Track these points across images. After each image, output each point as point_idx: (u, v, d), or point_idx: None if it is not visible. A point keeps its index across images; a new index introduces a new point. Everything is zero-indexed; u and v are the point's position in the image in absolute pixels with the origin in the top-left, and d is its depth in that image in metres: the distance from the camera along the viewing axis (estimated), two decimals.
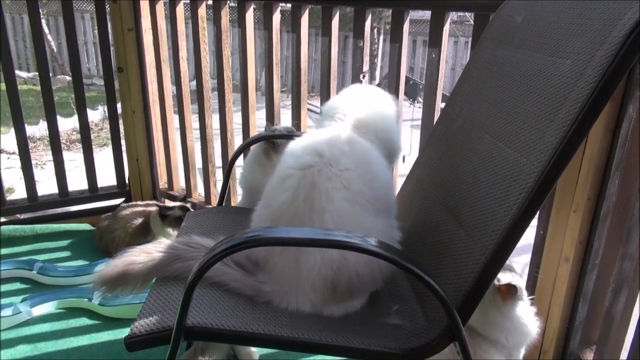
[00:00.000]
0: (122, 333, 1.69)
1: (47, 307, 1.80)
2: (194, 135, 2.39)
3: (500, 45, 1.23)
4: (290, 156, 1.11)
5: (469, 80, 1.34)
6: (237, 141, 2.23)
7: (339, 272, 1.02)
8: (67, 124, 5.72)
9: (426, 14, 1.84)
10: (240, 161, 1.73)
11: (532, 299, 1.21)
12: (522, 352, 1.24)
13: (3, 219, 2.37)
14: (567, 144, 0.86)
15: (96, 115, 6.27)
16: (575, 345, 1.37)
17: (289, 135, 1.69)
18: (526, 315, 1.18)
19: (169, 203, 2.23)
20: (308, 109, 2.17)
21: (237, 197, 2.33)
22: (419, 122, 1.80)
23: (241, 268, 1.09)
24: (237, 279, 1.06)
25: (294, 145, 1.15)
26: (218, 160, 2.35)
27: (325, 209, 1.02)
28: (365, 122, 1.21)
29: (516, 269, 1.23)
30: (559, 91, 0.91)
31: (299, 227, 1.03)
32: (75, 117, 5.58)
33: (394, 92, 1.75)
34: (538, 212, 0.93)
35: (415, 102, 5.62)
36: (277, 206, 1.07)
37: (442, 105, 1.64)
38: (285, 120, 2.16)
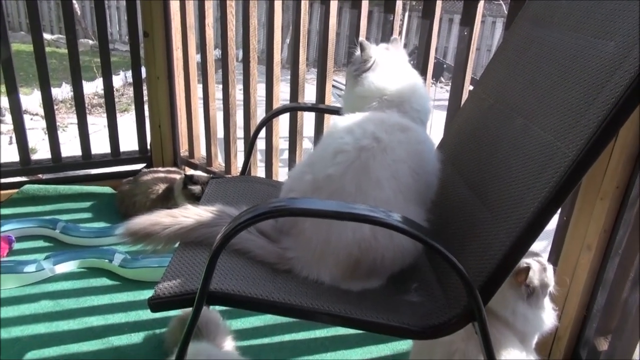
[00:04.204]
0: (141, 295, 1.73)
1: (69, 266, 1.85)
2: (216, 104, 2.39)
3: (538, 24, 1.20)
4: (347, 133, 1.09)
5: (502, 60, 1.31)
6: (259, 113, 2.22)
7: (365, 252, 1.02)
8: (89, 88, 5.75)
9: None
10: (262, 134, 1.73)
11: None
12: (536, 338, 1.23)
13: (26, 178, 2.42)
14: (605, 129, 0.83)
15: (117, 80, 6.29)
16: (591, 334, 1.37)
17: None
18: (541, 308, 1.17)
19: (191, 171, 2.24)
20: (332, 85, 2.15)
21: (258, 168, 2.34)
22: (441, 103, 1.77)
23: (264, 236, 1.09)
24: (261, 246, 1.07)
25: (345, 122, 1.14)
26: (239, 132, 2.35)
27: (371, 195, 1.03)
28: (410, 104, 1.20)
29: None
30: (600, 74, 0.89)
31: (323, 200, 1.03)
32: (97, 82, 5.60)
33: (422, 70, 1.72)
34: None
35: (438, 81, 5.53)
36: (323, 177, 1.07)
37: (470, 87, 1.61)
38: (308, 94, 2.14)
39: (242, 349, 1.45)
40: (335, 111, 1.49)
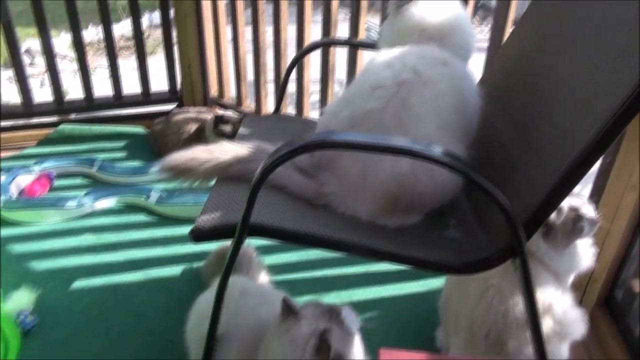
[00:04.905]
0: (177, 231, 1.79)
1: (108, 202, 1.91)
2: (246, 46, 2.35)
3: None
4: (386, 67, 1.06)
5: None
6: (289, 54, 2.17)
7: (403, 189, 1.01)
8: (115, 31, 5.69)
9: None
10: (293, 75, 1.68)
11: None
12: (571, 277, 1.22)
13: (58, 118, 2.46)
14: None
15: (142, 23, 6.22)
16: (628, 275, 1.36)
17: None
18: (567, 250, 1.16)
19: (221, 111, 2.23)
20: (366, 28, 2.07)
21: (288, 107, 2.31)
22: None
23: (301, 171, 1.09)
24: (297, 182, 1.07)
25: (384, 56, 1.11)
26: (269, 74, 2.31)
27: (412, 130, 1.01)
28: (451, 39, 1.17)
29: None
30: None
31: (362, 133, 1.02)
32: (122, 24, 5.54)
33: None
34: None
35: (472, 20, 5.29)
36: (362, 112, 1.05)
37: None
38: (342, 30, 2.07)
39: (276, 283, 1.49)
40: (371, 46, 1.45)
